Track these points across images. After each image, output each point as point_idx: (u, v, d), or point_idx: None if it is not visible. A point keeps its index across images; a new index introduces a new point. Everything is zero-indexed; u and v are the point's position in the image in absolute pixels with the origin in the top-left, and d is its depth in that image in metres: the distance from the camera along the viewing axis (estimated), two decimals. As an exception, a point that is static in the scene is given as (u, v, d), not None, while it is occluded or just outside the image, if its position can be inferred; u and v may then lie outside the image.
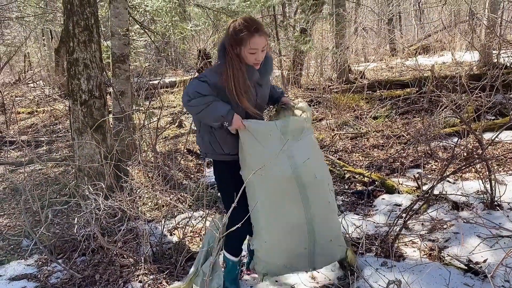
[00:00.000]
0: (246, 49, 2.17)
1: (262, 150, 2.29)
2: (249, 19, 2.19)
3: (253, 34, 2.14)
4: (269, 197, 2.31)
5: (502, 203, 3.26)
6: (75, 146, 4.10)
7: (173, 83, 11.16)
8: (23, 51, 13.05)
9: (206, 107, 2.21)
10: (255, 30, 2.15)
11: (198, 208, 3.93)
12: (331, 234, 2.44)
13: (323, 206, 2.39)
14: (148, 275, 2.90)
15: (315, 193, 2.35)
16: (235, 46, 2.18)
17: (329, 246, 2.43)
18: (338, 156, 5.04)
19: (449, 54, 10.97)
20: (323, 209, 2.38)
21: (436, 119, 4.71)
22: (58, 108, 8.72)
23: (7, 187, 4.99)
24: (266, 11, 10.74)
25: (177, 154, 5.31)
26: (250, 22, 2.17)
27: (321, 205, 2.38)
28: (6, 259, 3.36)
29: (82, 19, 3.88)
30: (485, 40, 8.21)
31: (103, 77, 4.16)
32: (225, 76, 2.19)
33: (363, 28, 13.97)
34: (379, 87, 7.65)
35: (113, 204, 3.00)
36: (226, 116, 2.20)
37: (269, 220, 2.34)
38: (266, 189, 2.30)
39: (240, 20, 2.18)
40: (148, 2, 6.36)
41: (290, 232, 2.34)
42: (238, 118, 2.24)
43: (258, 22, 2.20)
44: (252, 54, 2.19)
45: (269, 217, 2.33)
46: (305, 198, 2.32)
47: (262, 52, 2.22)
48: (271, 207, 2.32)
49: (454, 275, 2.45)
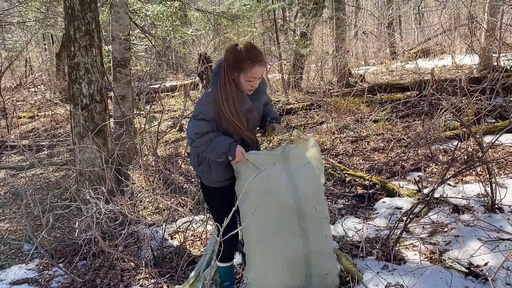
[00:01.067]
0: (245, 76, 2.17)
1: (263, 180, 2.28)
2: (252, 48, 2.16)
3: (254, 64, 2.14)
4: (267, 229, 2.30)
5: (502, 206, 3.26)
6: (76, 150, 4.11)
7: (174, 87, 11.19)
8: (24, 55, 13.09)
9: (208, 145, 2.24)
10: (257, 60, 2.14)
11: (199, 212, 3.93)
12: (327, 268, 2.41)
13: (321, 240, 2.37)
14: (149, 279, 2.90)
15: (314, 225, 2.34)
16: (233, 72, 2.17)
17: (325, 278, 2.41)
18: (339, 160, 5.04)
19: (449, 57, 10.99)
20: (321, 243, 2.37)
21: (437, 122, 4.71)
22: (59, 113, 8.74)
23: (8, 191, 5.00)
24: (266, 15, 10.78)
25: (178, 158, 5.32)
26: (253, 51, 2.15)
27: (319, 239, 2.36)
28: (7, 263, 3.36)
29: (83, 24, 3.90)
30: (485, 43, 8.23)
31: (104, 81, 4.18)
32: (218, 104, 2.19)
33: (363, 32, 14.00)
34: (379, 91, 7.66)
35: (114, 208, 3.01)
36: (229, 151, 2.23)
37: (266, 252, 2.32)
38: (265, 220, 2.29)
39: (242, 47, 2.15)
40: (149, 7, 6.40)
41: (287, 265, 2.31)
42: (240, 151, 2.26)
43: (260, 51, 2.19)
44: (249, 82, 2.19)
45: (266, 250, 2.31)
46: (304, 230, 2.31)
47: (258, 79, 2.23)
48: (269, 239, 2.30)
49: (455, 278, 2.45)
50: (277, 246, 2.30)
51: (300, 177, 2.35)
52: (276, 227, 2.29)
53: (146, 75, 8.08)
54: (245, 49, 2.14)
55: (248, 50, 2.14)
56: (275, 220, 2.29)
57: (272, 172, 2.32)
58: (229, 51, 2.18)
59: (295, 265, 2.32)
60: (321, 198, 2.43)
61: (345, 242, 3.11)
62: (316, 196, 2.39)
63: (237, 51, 2.15)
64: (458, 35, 11.75)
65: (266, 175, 2.29)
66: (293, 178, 2.34)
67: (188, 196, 4.20)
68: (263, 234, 2.31)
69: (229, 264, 2.60)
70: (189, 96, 9.80)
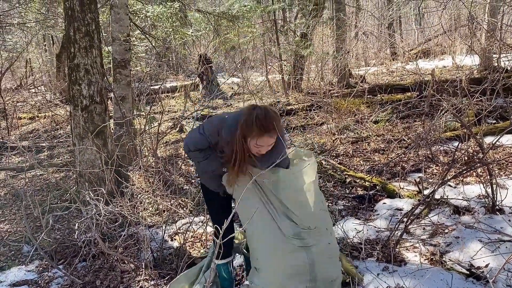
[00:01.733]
0: (252, 142, 2.16)
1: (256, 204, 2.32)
2: (265, 117, 2.12)
3: (263, 134, 2.11)
4: (269, 242, 2.32)
5: (503, 207, 3.25)
6: (76, 151, 4.10)
7: (174, 88, 11.19)
8: (25, 56, 13.08)
9: (204, 160, 2.33)
10: (266, 131, 2.11)
11: (199, 213, 3.92)
12: (333, 275, 2.39)
13: (324, 249, 2.36)
14: (149, 280, 2.89)
15: (315, 238, 2.34)
16: (243, 135, 2.16)
17: (331, 284, 2.39)
18: (339, 161, 5.03)
19: (450, 58, 10.99)
20: (324, 251, 2.36)
21: (437, 123, 4.70)
22: (59, 114, 8.74)
23: (8, 192, 4.99)
24: (266, 16, 10.79)
25: (178, 159, 5.31)
26: (265, 120, 2.11)
27: (322, 248, 2.36)
28: (6, 265, 3.36)
29: (83, 25, 3.90)
30: (485, 44, 8.22)
31: (104, 82, 4.18)
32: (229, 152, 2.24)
33: (364, 33, 14.00)
34: (379, 91, 7.65)
35: (114, 209, 3.00)
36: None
37: (270, 261, 2.33)
38: (267, 234, 2.32)
39: (255, 115, 2.12)
40: (149, 8, 6.40)
41: (291, 274, 2.31)
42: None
43: (272, 121, 2.13)
44: (256, 148, 2.18)
45: (270, 259, 2.33)
46: (305, 244, 2.31)
47: (268, 147, 2.20)
48: (272, 251, 2.32)
49: (455, 280, 2.45)
50: (280, 257, 2.31)
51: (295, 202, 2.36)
52: (278, 242, 2.30)
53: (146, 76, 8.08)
54: (257, 115, 2.11)
55: (259, 118, 2.11)
56: (276, 236, 2.31)
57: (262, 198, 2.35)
58: (244, 111, 2.18)
59: (300, 272, 2.32)
60: (319, 215, 2.42)
61: (345, 244, 3.10)
62: (314, 213, 2.39)
63: (249, 115, 2.13)
64: (458, 35, 11.75)
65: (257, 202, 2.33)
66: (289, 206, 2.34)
67: (188, 197, 4.20)
68: (266, 246, 2.33)
69: (226, 260, 2.60)
70: (189, 97, 9.80)
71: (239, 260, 3.01)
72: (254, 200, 2.35)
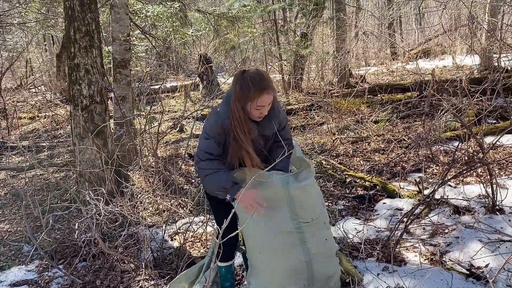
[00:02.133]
0: (252, 105, 2.14)
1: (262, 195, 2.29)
2: (259, 76, 2.12)
3: (261, 92, 2.10)
4: (267, 241, 2.31)
5: (503, 207, 3.25)
6: (76, 151, 4.10)
7: (174, 88, 11.19)
8: (25, 56, 13.09)
9: (213, 173, 2.22)
10: (264, 88, 2.11)
11: (199, 213, 3.92)
12: (330, 271, 2.41)
13: (321, 245, 2.37)
14: (149, 280, 2.89)
15: (313, 234, 2.34)
16: (241, 101, 2.14)
17: (327, 281, 2.40)
18: (339, 160, 5.03)
19: (450, 58, 10.99)
20: (321, 247, 2.37)
21: (437, 123, 4.70)
22: (59, 114, 8.74)
23: (8, 192, 5.00)
24: (266, 16, 10.78)
25: (178, 159, 5.31)
26: (259, 79, 2.11)
27: (319, 244, 2.36)
28: (7, 264, 3.36)
29: (83, 25, 3.90)
30: (485, 44, 8.22)
31: (104, 82, 4.18)
32: (228, 129, 2.19)
33: (364, 33, 13.99)
34: (380, 91, 7.65)
35: (114, 209, 3.00)
36: (231, 189, 2.19)
37: (268, 261, 2.33)
38: (265, 233, 2.31)
39: (248, 76, 2.11)
40: (149, 8, 6.39)
41: (289, 272, 2.32)
42: (251, 196, 2.19)
43: (267, 78, 2.15)
44: (257, 110, 2.17)
45: (267, 258, 2.33)
46: (303, 240, 2.32)
47: (268, 106, 2.19)
48: (269, 250, 2.32)
49: (455, 280, 2.44)
50: (278, 256, 2.31)
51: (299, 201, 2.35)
52: (276, 240, 2.30)
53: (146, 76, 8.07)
54: (251, 77, 2.11)
55: (254, 78, 2.10)
56: (274, 234, 2.30)
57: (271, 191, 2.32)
58: (235, 80, 2.16)
59: (297, 271, 2.32)
60: (318, 210, 2.42)
61: (345, 244, 3.10)
62: (313, 209, 2.39)
63: (243, 79, 2.12)
64: (458, 35, 11.75)
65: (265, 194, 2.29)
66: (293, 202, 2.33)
67: (188, 197, 4.20)
68: (263, 245, 2.32)
69: (229, 263, 2.60)
70: (189, 97, 9.80)
71: (239, 259, 3.01)
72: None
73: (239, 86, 2.13)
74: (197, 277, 2.71)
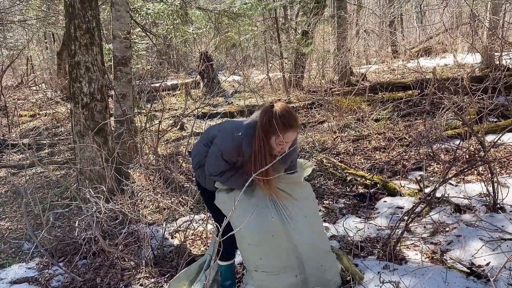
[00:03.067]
0: (277, 139, 2.18)
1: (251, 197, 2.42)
2: (287, 112, 2.17)
3: (288, 128, 2.15)
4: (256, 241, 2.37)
5: (504, 205, 3.24)
6: (76, 149, 4.10)
7: (175, 86, 11.17)
8: (26, 54, 13.08)
9: (230, 178, 2.38)
10: (291, 125, 2.16)
11: (200, 211, 3.92)
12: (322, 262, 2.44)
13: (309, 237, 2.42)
14: (149, 278, 2.89)
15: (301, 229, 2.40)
16: (267, 134, 2.19)
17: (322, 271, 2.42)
18: (340, 159, 5.02)
19: (451, 56, 10.96)
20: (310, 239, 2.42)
21: (438, 121, 4.69)
22: (60, 111, 8.73)
23: (8, 190, 5.00)
24: (267, 14, 10.76)
25: (178, 157, 5.31)
26: (287, 116, 2.16)
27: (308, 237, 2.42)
28: (7, 262, 3.36)
29: (83, 22, 3.89)
30: (487, 42, 8.19)
31: (105, 80, 4.17)
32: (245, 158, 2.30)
33: (365, 31, 13.96)
34: (380, 89, 7.64)
35: (114, 207, 3.00)
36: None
37: (259, 261, 2.38)
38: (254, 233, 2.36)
39: (278, 111, 2.16)
40: (150, 5, 6.38)
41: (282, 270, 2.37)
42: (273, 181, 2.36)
43: (294, 116, 2.20)
44: (280, 145, 2.22)
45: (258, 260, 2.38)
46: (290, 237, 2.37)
47: (289, 143, 2.25)
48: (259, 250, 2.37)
49: (456, 279, 2.44)
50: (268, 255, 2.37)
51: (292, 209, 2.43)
52: (265, 240, 2.35)
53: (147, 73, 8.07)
54: (280, 113, 2.15)
55: (283, 114, 2.15)
56: (263, 233, 2.36)
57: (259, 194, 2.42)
58: (265, 112, 2.20)
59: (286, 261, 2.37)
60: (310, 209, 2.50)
61: (346, 242, 3.10)
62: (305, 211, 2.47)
63: (272, 113, 2.16)
64: (460, 33, 11.71)
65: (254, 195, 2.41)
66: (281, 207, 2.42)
67: (189, 195, 4.20)
68: (253, 245, 2.38)
69: (229, 262, 2.60)
70: (190, 95, 9.79)
71: (239, 258, 3.01)
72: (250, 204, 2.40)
73: (267, 118, 2.16)
74: (197, 275, 2.71)
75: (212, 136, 2.43)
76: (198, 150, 2.52)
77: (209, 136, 2.47)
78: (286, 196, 2.44)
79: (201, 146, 2.50)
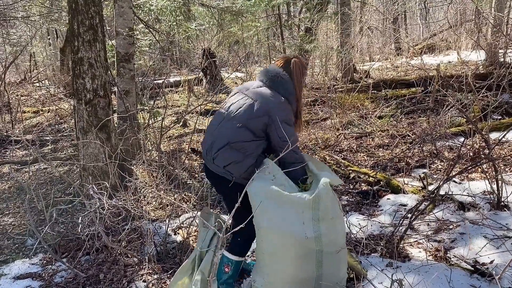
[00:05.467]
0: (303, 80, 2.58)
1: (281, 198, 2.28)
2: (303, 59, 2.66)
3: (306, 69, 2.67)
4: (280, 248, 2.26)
5: (509, 203, 3.23)
6: (79, 145, 4.10)
7: (178, 82, 11.15)
8: (29, 50, 13.10)
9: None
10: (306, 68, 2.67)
11: (203, 208, 3.91)
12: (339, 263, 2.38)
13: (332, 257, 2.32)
14: (152, 274, 2.89)
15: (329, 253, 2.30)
16: (302, 80, 2.57)
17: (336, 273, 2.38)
18: (343, 156, 5.01)
19: (455, 53, 10.90)
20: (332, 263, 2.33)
21: (442, 119, 4.68)
22: (63, 108, 8.74)
23: (12, 186, 5.01)
24: (270, 10, 10.73)
25: (181, 154, 5.31)
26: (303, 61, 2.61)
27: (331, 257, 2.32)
28: (10, 258, 3.37)
29: (86, 18, 3.88)
30: (491, 39, 8.14)
31: (108, 76, 4.17)
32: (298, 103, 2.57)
33: (368, 27, 13.91)
34: (384, 87, 7.60)
35: (118, 203, 2.99)
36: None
37: (277, 266, 2.29)
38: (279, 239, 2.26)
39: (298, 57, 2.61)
40: (153, 1, 6.36)
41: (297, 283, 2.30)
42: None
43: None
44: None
45: (276, 264, 2.29)
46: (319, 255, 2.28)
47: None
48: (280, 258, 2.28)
49: (460, 276, 2.43)
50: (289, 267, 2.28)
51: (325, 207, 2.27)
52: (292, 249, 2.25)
53: (150, 70, 8.06)
54: (302, 60, 2.60)
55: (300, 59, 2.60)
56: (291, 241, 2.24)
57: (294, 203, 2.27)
58: (295, 63, 2.54)
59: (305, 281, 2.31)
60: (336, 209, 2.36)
61: (349, 239, 3.09)
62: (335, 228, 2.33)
63: (300, 61, 2.57)
64: (464, 30, 11.64)
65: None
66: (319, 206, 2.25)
67: (192, 191, 4.20)
68: (275, 250, 2.27)
69: (241, 259, 2.60)
70: (193, 92, 9.78)
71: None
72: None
73: (300, 65, 2.56)
74: (192, 270, 2.67)
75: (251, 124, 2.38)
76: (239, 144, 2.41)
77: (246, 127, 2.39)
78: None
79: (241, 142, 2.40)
